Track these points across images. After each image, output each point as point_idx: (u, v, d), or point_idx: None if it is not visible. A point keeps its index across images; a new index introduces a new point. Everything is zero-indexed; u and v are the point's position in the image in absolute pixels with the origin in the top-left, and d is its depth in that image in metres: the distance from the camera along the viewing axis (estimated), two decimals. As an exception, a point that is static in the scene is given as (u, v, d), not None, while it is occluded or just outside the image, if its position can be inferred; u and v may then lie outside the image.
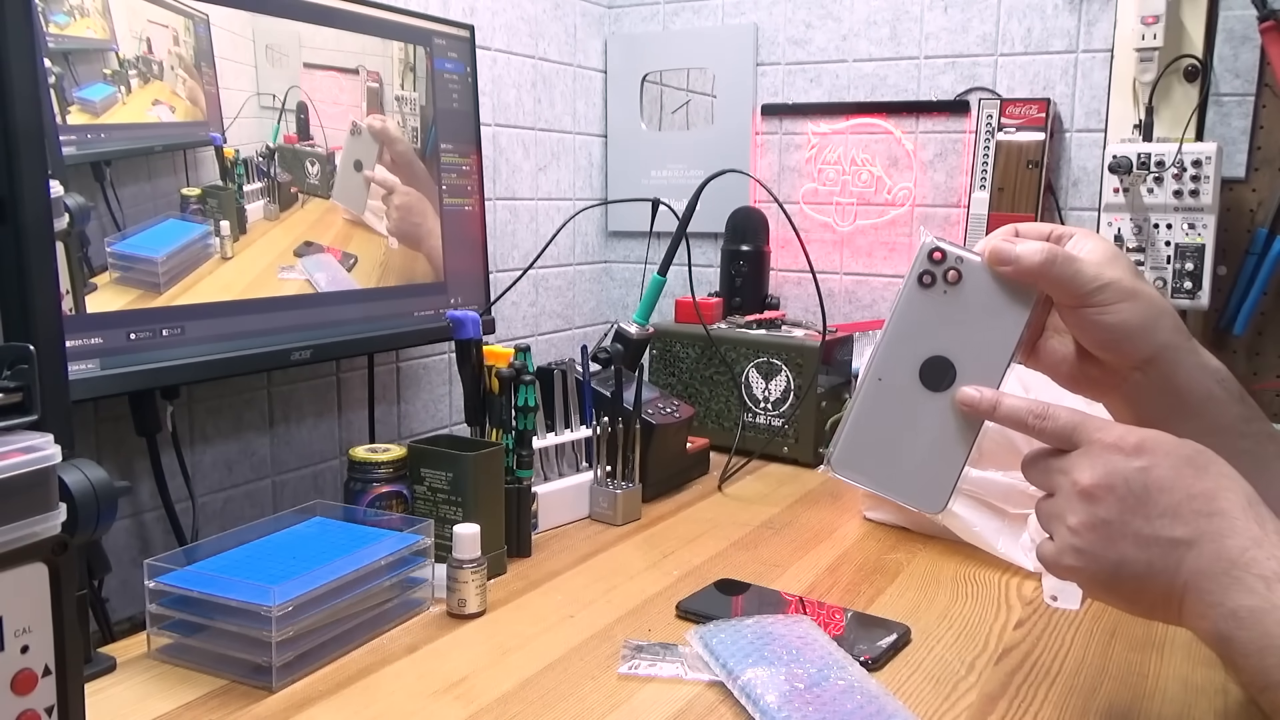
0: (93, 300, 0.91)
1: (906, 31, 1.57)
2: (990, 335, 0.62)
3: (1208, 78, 1.34)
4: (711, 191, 1.36)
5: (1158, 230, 1.32)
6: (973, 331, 0.62)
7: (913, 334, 0.62)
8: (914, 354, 0.62)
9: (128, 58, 0.94)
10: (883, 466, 0.63)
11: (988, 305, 0.62)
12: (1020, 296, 0.62)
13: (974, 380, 0.62)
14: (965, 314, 0.62)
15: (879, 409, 0.63)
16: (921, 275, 0.62)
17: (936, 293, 0.62)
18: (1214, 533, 0.55)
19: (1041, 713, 0.74)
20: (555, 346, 1.74)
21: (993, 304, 0.62)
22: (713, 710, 0.73)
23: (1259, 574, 0.53)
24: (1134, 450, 0.57)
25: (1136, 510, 0.56)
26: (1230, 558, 0.54)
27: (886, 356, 0.63)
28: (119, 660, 0.80)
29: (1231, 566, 0.54)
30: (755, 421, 1.42)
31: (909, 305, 0.62)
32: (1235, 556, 0.54)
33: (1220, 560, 0.54)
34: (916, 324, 0.62)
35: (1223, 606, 0.54)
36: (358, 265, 1.17)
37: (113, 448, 1.07)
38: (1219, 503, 0.56)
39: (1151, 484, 0.56)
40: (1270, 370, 1.40)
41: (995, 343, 0.62)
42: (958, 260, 0.62)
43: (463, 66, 1.31)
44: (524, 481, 1.05)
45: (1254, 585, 0.53)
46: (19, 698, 0.52)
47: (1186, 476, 0.56)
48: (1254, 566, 0.53)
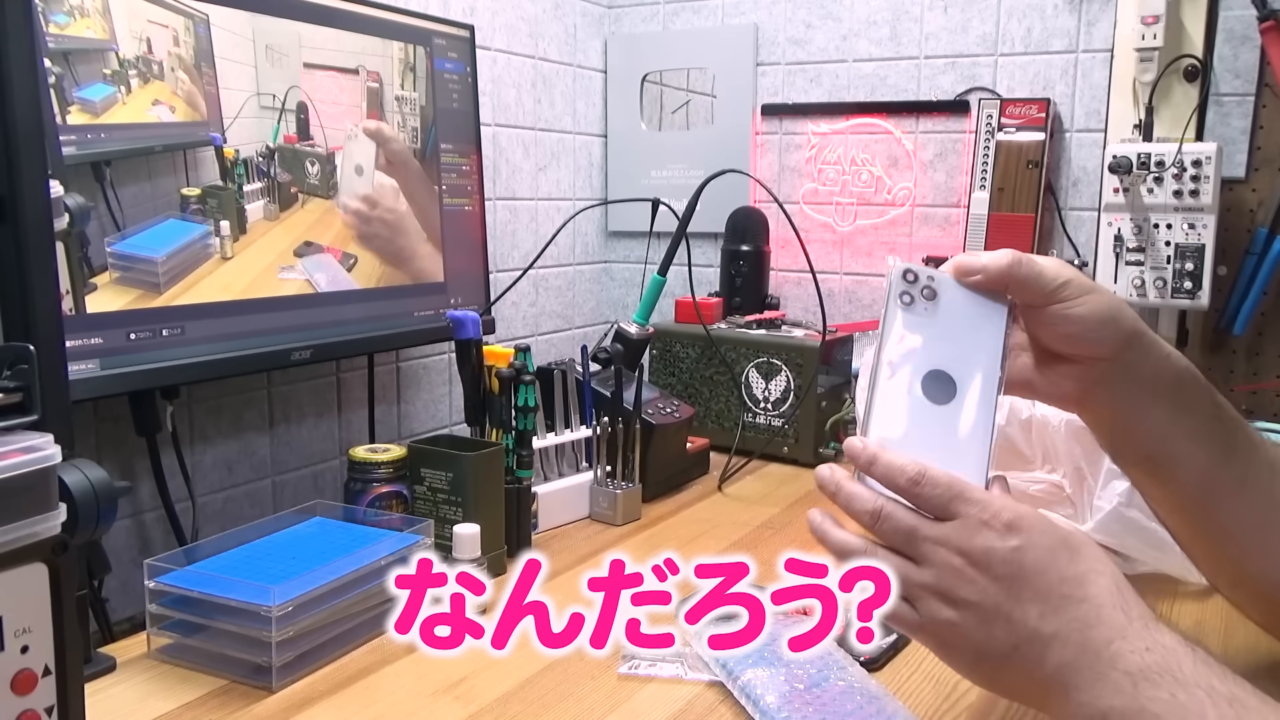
0: (93, 300, 0.91)
1: (906, 31, 1.57)
2: (977, 343, 0.62)
3: (1208, 78, 1.34)
4: (711, 191, 1.36)
5: (1158, 230, 1.32)
6: (960, 343, 0.62)
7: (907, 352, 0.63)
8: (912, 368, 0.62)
9: (128, 58, 0.94)
10: None
11: (968, 314, 0.63)
12: (995, 301, 0.63)
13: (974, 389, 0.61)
14: (949, 327, 0.63)
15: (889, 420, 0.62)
16: (901, 295, 0.63)
17: (918, 310, 0.63)
18: (1080, 623, 0.53)
19: (1041, 714, 0.73)
20: (555, 346, 1.74)
21: (971, 313, 0.63)
22: (712, 710, 0.73)
23: (1124, 670, 0.52)
24: (1007, 529, 0.55)
25: (1009, 592, 0.54)
26: (1095, 650, 0.53)
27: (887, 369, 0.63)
28: (119, 660, 0.80)
29: (1096, 660, 0.53)
30: (755, 421, 1.42)
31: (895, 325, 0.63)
32: (1100, 649, 0.53)
33: (1085, 653, 0.53)
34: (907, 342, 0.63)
35: (1092, 706, 0.52)
36: (358, 265, 1.17)
37: (113, 448, 1.07)
38: (1087, 588, 0.54)
39: (1027, 565, 0.54)
40: (1270, 370, 1.40)
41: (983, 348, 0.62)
42: (929, 278, 0.63)
43: (463, 66, 1.31)
44: (524, 481, 1.05)
45: (1120, 683, 0.52)
46: (19, 698, 0.52)
47: (1061, 560, 0.55)
48: (1119, 661, 0.52)
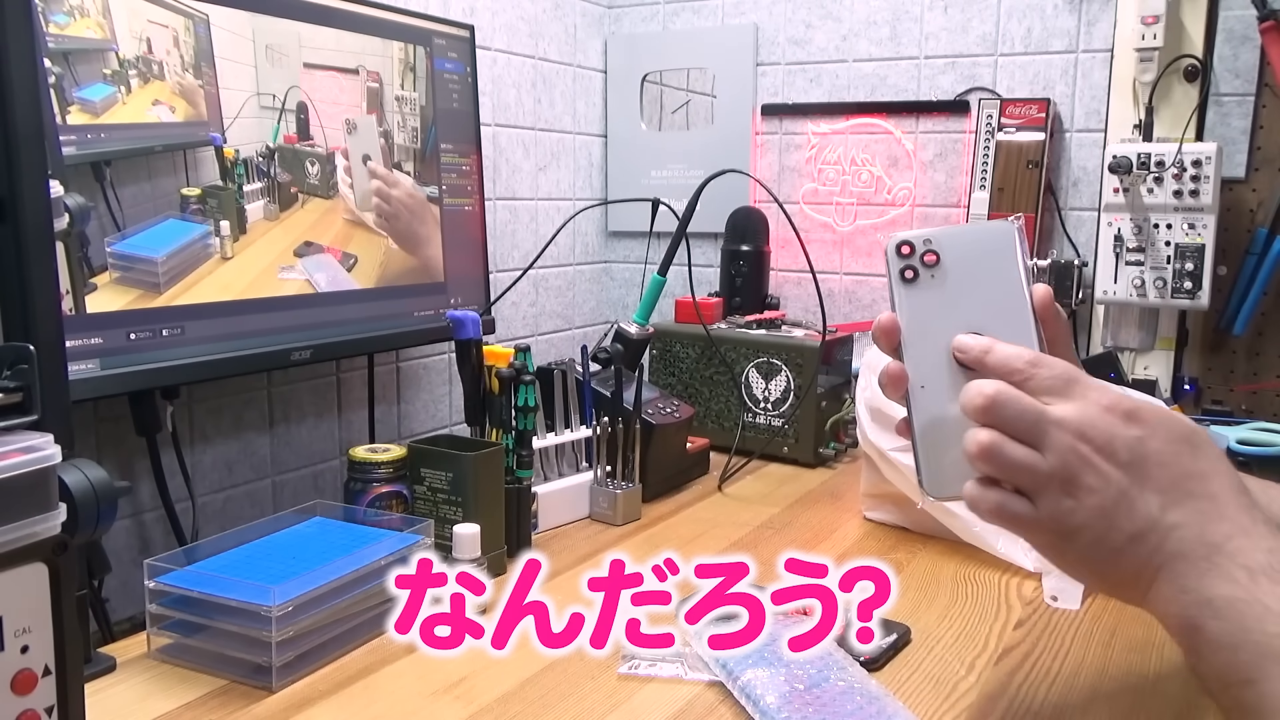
0: (93, 300, 0.91)
1: (906, 31, 1.57)
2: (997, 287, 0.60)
3: (1208, 78, 1.34)
4: (711, 191, 1.36)
5: (1158, 230, 1.32)
6: (980, 294, 0.60)
7: (926, 329, 0.61)
8: (938, 346, 0.60)
9: (128, 58, 0.94)
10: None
11: (978, 261, 0.61)
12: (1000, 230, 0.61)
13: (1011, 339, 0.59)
14: (963, 283, 0.60)
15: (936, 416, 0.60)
16: (903, 272, 0.61)
17: (925, 280, 0.61)
18: (1203, 515, 0.52)
19: (1041, 713, 0.73)
20: (555, 346, 1.74)
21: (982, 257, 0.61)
22: (712, 710, 0.73)
23: (1243, 563, 0.51)
24: (1128, 417, 0.54)
25: (1133, 480, 0.53)
26: (1214, 543, 0.52)
27: (915, 362, 0.61)
28: (119, 660, 0.80)
29: (1214, 552, 0.51)
30: (755, 421, 1.42)
31: (907, 305, 0.61)
32: (1220, 542, 0.52)
33: (1203, 545, 0.52)
34: (924, 318, 0.61)
35: (1197, 593, 0.51)
36: (358, 265, 1.17)
37: (113, 448, 1.07)
38: (1211, 485, 0.53)
39: (1149, 455, 0.53)
40: (1270, 370, 1.40)
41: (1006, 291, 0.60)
42: (925, 242, 0.61)
43: (463, 66, 1.31)
44: (524, 481, 1.05)
45: (1235, 574, 0.50)
46: (19, 698, 0.52)
47: (1183, 454, 0.54)
48: (1239, 555, 0.51)
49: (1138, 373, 1.42)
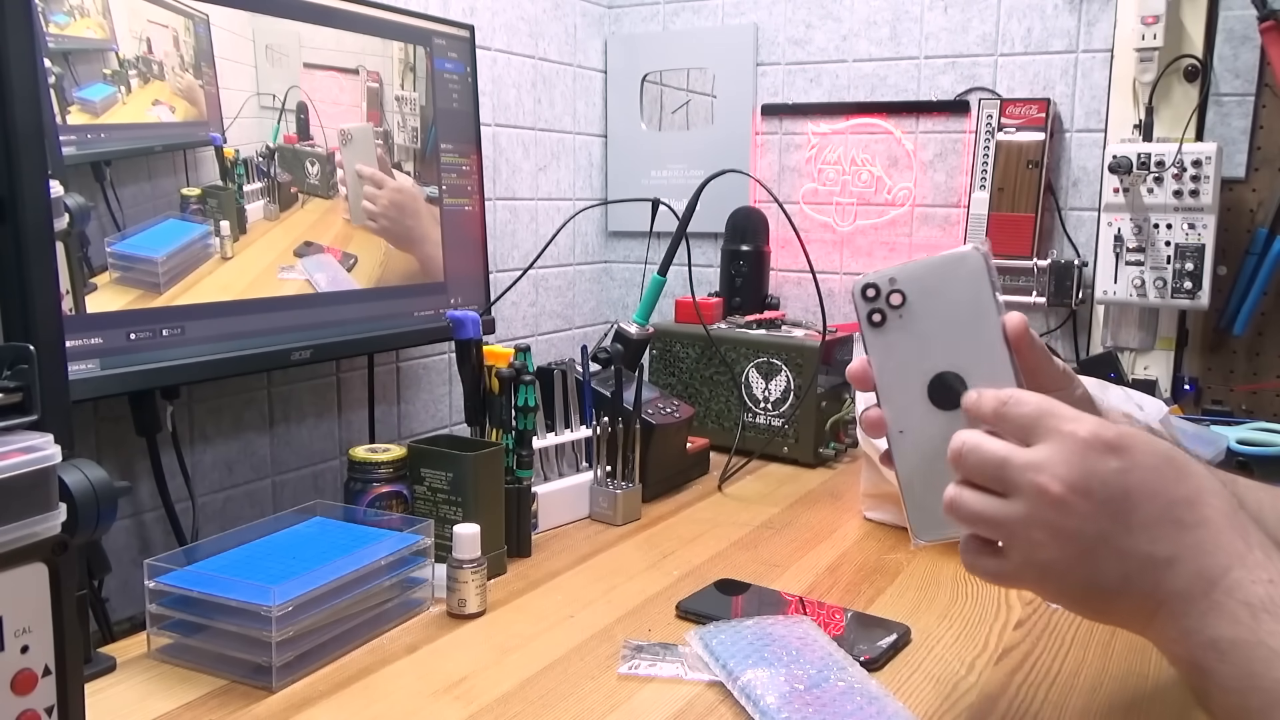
0: (93, 300, 0.91)
1: (906, 31, 1.57)
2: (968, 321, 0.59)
3: (1208, 78, 1.34)
4: (711, 191, 1.36)
5: (1158, 230, 1.32)
6: (951, 331, 0.59)
7: (899, 372, 0.60)
8: (913, 389, 0.59)
9: (128, 58, 0.94)
10: None
11: (946, 296, 0.59)
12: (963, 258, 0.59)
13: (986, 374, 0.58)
14: (932, 321, 0.59)
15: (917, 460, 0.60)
16: (870, 315, 0.60)
17: (894, 323, 0.60)
18: (1195, 548, 0.50)
19: (1041, 713, 0.73)
20: (555, 346, 1.74)
21: (950, 291, 0.59)
22: (712, 711, 0.73)
23: (1242, 599, 0.48)
24: (1108, 448, 0.50)
25: (1116, 519, 0.50)
26: (1212, 578, 0.49)
27: (892, 407, 0.60)
28: (119, 660, 0.80)
29: (1212, 589, 0.49)
30: (755, 421, 1.42)
31: (878, 349, 0.60)
32: (1217, 578, 0.49)
33: (1201, 580, 0.49)
34: (896, 361, 0.60)
35: (1200, 634, 0.49)
36: (358, 265, 1.17)
37: (113, 448, 1.07)
38: (1202, 511, 0.50)
39: (1132, 489, 0.50)
40: (1270, 370, 1.40)
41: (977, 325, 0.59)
42: (890, 282, 0.60)
43: (463, 66, 1.31)
44: (524, 481, 1.05)
45: (1237, 613, 0.48)
46: (19, 698, 0.52)
47: (1168, 480, 0.51)
48: (1237, 591, 0.49)
49: (1138, 373, 1.42)
